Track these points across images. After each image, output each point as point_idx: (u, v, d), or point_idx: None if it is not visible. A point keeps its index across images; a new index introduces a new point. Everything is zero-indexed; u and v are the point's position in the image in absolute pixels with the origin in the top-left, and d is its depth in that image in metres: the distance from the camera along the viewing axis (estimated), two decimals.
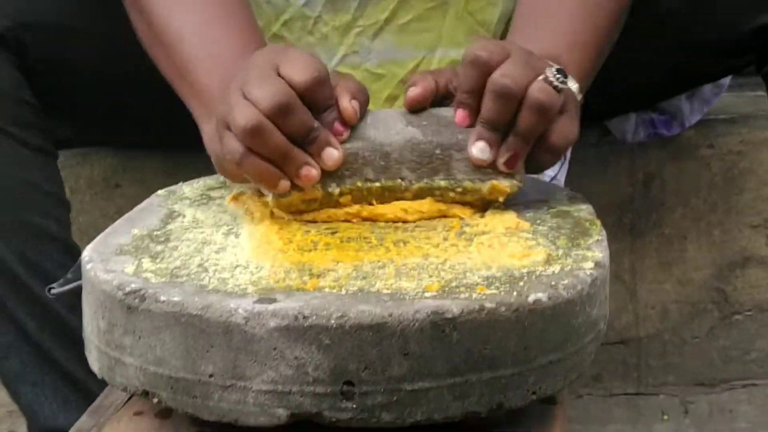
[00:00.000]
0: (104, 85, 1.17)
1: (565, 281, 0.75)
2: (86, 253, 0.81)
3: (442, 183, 0.87)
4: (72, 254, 1.18)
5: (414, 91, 0.89)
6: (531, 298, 0.73)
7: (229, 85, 0.86)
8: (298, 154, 0.84)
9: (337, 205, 0.87)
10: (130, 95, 1.09)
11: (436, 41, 1.16)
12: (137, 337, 0.73)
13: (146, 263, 0.78)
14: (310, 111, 0.84)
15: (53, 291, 0.88)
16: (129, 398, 0.85)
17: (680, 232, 1.49)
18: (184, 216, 0.90)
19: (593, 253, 0.81)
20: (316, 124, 0.84)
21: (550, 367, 0.75)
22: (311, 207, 0.87)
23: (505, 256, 0.80)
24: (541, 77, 0.86)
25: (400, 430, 0.71)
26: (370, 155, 0.86)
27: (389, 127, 0.88)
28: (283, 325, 0.69)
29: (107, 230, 0.87)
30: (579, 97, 0.94)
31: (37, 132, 1.17)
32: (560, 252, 0.81)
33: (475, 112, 0.87)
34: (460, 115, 0.88)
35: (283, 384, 0.70)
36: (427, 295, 0.72)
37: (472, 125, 0.88)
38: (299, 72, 0.83)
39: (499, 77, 0.85)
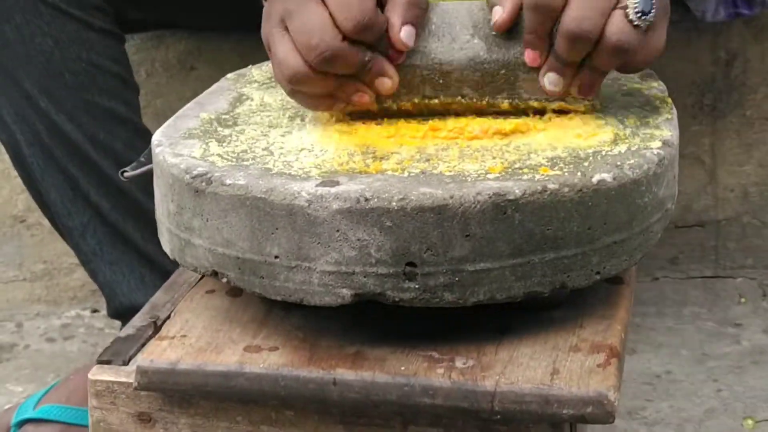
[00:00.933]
0: None
1: (631, 161, 0.75)
2: (156, 137, 0.83)
3: (506, 102, 0.82)
4: (142, 136, 1.20)
5: (502, 18, 0.80)
6: (595, 178, 0.73)
7: None
8: (348, 86, 0.80)
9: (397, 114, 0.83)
10: None
11: None
12: (205, 220, 0.75)
13: (213, 147, 0.79)
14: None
15: (126, 174, 0.89)
16: (202, 277, 0.87)
17: (762, 113, 1.46)
18: (252, 99, 0.91)
19: (662, 132, 0.80)
20: (367, 57, 0.78)
21: (614, 247, 0.74)
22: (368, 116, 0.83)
23: (571, 136, 0.79)
24: (618, 10, 0.77)
25: (461, 309, 0.72)
26: (428, 74, 0.81)
27: (453, 38, 0.81)
28: (345, 208, 0.70)
29: (177, 113, 0.88)
30: None
31: (102, 15, 1.17)
32: (628, 131, 0.80)
33: (545, 51, 0.80)
34: (529, 55, 0.80)
35: (346, 265, 0.71)
36: (489, 176, 0.72)
37: (543, 64, 0.81)
38: (345, 15, 0.76)
39: (570, 22, 0.77)
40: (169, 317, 0.82)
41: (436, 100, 0.82)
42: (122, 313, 1.24)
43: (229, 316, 0.81)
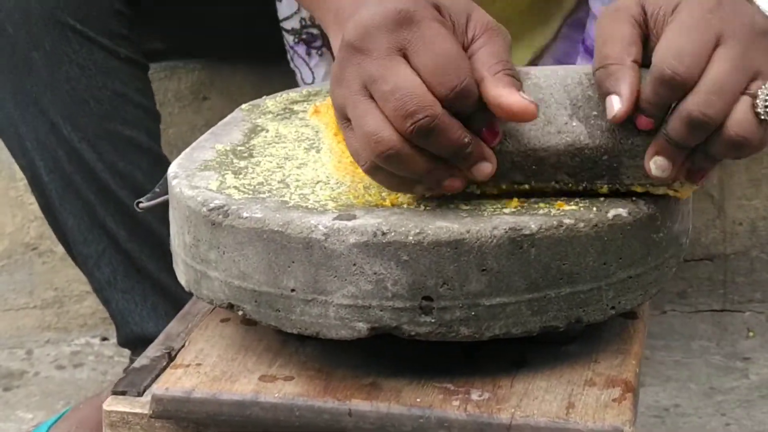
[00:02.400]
0: None
1: (646, 196, 0.75)
2: (172, 169, 0.83)
3: (606, 187, 0.74)
4: (162, 166, 1.20)
5: (621, 111, 0.70)
6: (611, 213, 0.73)
7: (340, 53, 0.72)
8: (443, 170, 0.71)
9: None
10: (218, 7, 1.10)
11: None
12: (221, 252, 0.75)
13: (229, 179, 0.80)
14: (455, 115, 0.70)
15: (141, 205, 0.90)
16: (215, 306, 0.87)
17: None
18: (267, 130, 0.91)
19: None
20: (467, 138, 0.69)
21: (629, 282, 0.75)
22: None
23: None
24: (746, 97, 0.69)
25: (477, 344, 0.73)
26: (520, 160, 0.73)
27: (549, 120, 0.72)
28: (362, 242, 0.70)
29: (192, 145, 0.88)
30: None
31: (128, 43, 1.18)
32: None
33: (660, 120, 0.71)
34: (642, 121, 0.71)
35: (363, 299, 0.71)
36: (505, 211, 0.73)
37: (655, 130, 0.72)
38: (441, 78, 0.68)
39: (692, 107, 0.69)
40: (183, 347, 0.83)
41: (527, 186, 0.74)
42: (133, 341, 1.24)
43: (244, 345, 0.81)
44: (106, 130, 1.18)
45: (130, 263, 1.23)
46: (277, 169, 0.82)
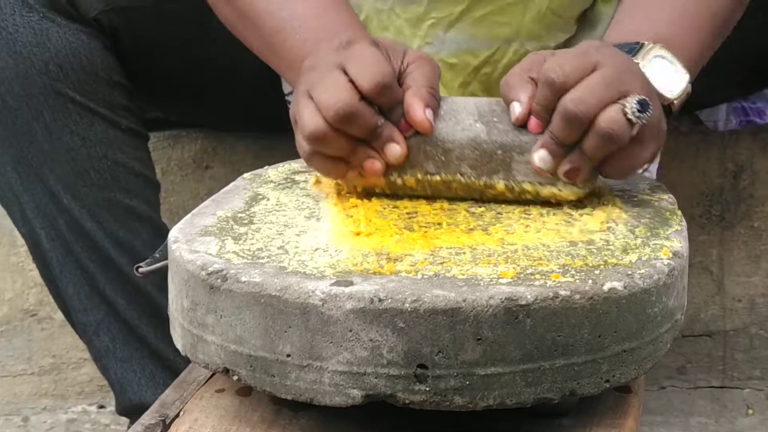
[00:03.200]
0: (195, 68, 1.19)
1: (642, 270, 0.76)
2: (173, 234, 0.84)
3: (501, 183, 0.88)
4: (161, 234, 1.21)
5: (521, 112, 0.87)
6: (606, 286, 0.73)
7: (301, 71, 0.88)
8: (361, 150, 0.86)
9: (402, 191, 0.90)
10: (219, 78, 1.12)
11: (513, 34, 1.12)
12: (219, 316, 0.75)
13: (229, 244, 0.80)
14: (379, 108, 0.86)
15: (141, 270, 0.90)
16: (212, 375, 0.87)
17: None
18: (268, 199, 0.92)
19: (672, 243, 0.81)
20: (380, 121, 0.86)
21: (624, 356, 0.75)
22: (375, 191, 0.90)
23: (582, 245, 0.80)
24: (617, 104, 0.83)
25: (472, 413, 0.73)
26: (431, 150, 0.88)
27: (457, 121, 0.88)
28: (358, 308, 0.71)
29: (194, 211, 0.89)
30: (687, 87, 0.93)
31: (128, 114, 1.19)
32: (639, 241, 0.81)
33: (547, 123, 0.86)
34: (532, 123, 0.86)
35: (358, 365, 0.71)
36: (502, 281, 0.73)
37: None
38: (365, 75, 0.84)
39: (570, 102, 0.83)
40: (178, 415, 0.83)
41: (438, 177, 0.88)
42: (131, 410, 1.24)
43: (238, 416, 0.81)
44: (106, 199, 1.19)
45: (129, 332, 1.23)
46: (277, 235, 0.83)
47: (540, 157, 0.86)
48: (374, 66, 0.85)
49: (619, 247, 0.80)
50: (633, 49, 0.93)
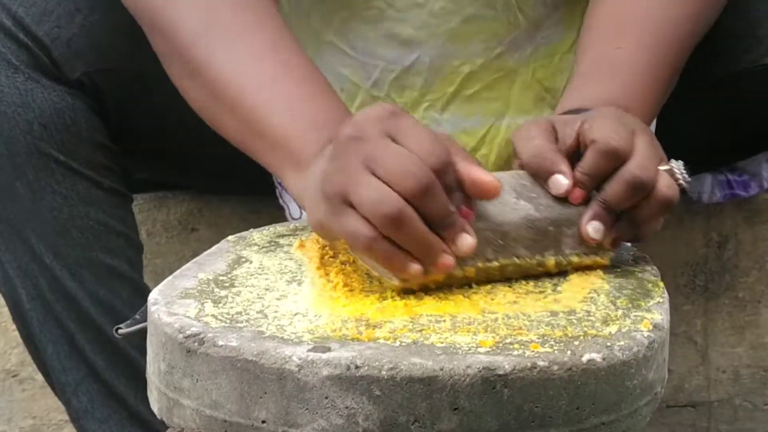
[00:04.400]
0: (179, 130, 1.20)
1: (621, 342, 0.76)
2: (153, 295, 0.83)
3: (552, 259, 0.87)
4: (142, 294, 1.20)
5: (569, 185, 0.86)
6: (585, 357, 0.73)
7: (336, 148, 0.82)
8: (437, 242, 0.78)
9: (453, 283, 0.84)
10: (205, 141, 1.12)
11: (503, 109, 1.16)
12: (195, 380, 0.75)
13: (208, 307, 0.80)
14: None
15: (120, 331, 0.90)
16: None
17: (754, 296, 1.47)
18: (251, 262, 0.92)
19: (653, 315, 0.81)
20: (452, 207, 0.79)
21: (602, 428, 0.74)
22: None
23: (562, 315, 0.80)
24: (666, 168, 0.86)
25: None
26: (490, 235, 0.83)
27: (503, 202, 0.84)
28: (335, 374, 0.70)
29: (175, 273, 0.89)
30: None
31: (111, 174, 1.20)
32: (620, 312, 0.81)
33: (590, 192, 0.87)
34: (577, 194, 0.86)
35: None
36: (480, 350, 0.73)
37: (584, 203, 0.87)
38: (428, 152, 0.78)
39: (636, 169, 0.84)
40: None
41: (496, 263, 0.84)
42: None
43: None
44: (88, 259, 1.18)
45: (108, 393, 1.22)
46: (257, 299, 0.82)
47: (594, 228, 0.86)
48: (432, 143, 0.78)
49: (599, 318, 0.80)
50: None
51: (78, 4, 1.15)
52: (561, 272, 0.88)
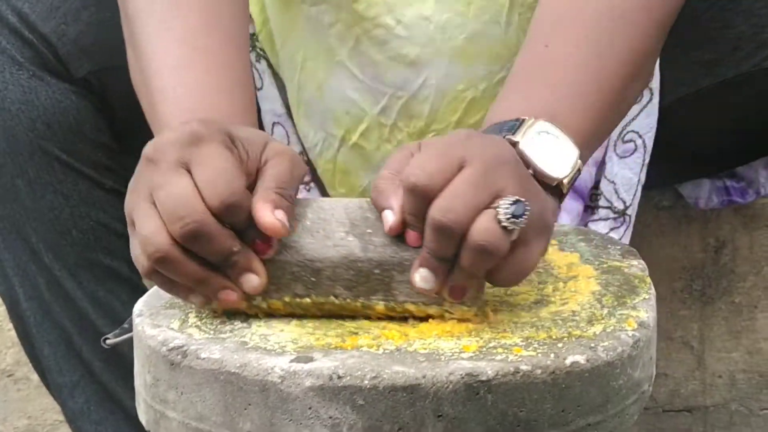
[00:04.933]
0: None
1: (606, 343, 0.75)
2: (138, 306, 0.83)
3: (381, 304, 0.78)
4: (141, 296, 1.20)
5: (395, 221, 0.77)
6: (568, 360, 0.73)
7: (138, 165, 0.80)
8: (214, 280, 0.77)
9: (270, 312, 0.80)
10: None
11: None
12: (180, 393, 0.75)
13: (192, 319, 0.80)
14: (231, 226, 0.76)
15: (108, 342, 0.90)
16: None
17: (751, 301, 1.47)
18: None
19: (638, 313, 0.81)
20: (235, 247, 0.76)
21: (589, 429, 0.74)
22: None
23: (547, 316, 0.80)
24: (492, 208, 0.74)
25: None
26: (298, 270, 0.78)
27: (327, 235, 0.78)
28: (317, 385, 0.70)
29: None
30: (578, 163, 0.85)
31: (113, 175, 1.19)
32: (605, 311, 0.81)
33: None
34: (411, 237, 0.77)
35: None
36: (463, 355, 0.73)
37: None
38: (212, 191, 0.75)
39: (437, 212, 0.74)
40: None
41: (308, 299, 0.79)
42: None
43: None
44: (87, 259, 1.18)
45: (104, 394, 1.22)
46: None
47: (421, 276, 0.76)
48: (223, 180, 0.75)
49: (584, 317, 0.79)
50: (513, 126, 0.84)
51: (84, 1, 1.14)
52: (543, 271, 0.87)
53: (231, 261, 0.76)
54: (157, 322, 0.79)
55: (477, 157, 0.76)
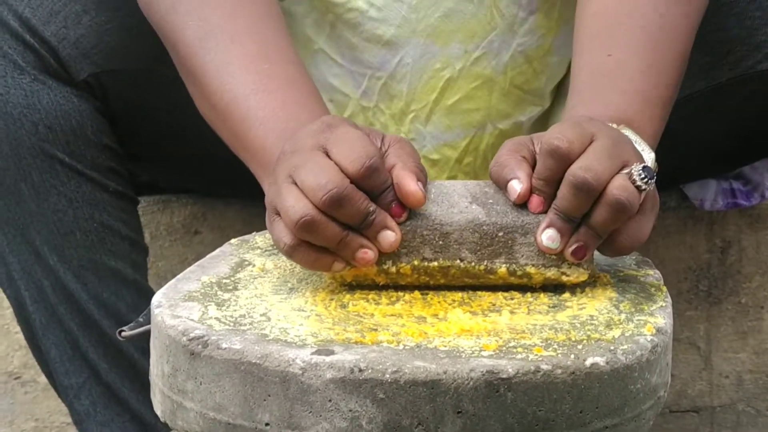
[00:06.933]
0: (184, 133, 1.20)
1: (625, 346, 0.75)
2: (156, 298, 0.83)
3: (503, 267, 0.84)
4: (146, 297, 1.20)
5: (523, 189, 0.83)
6: (588, 361, 0.73)
7: (276, 161, 0.86)
8: (353, 239, 0.81)
9: (395, 280, 0.85)
10: (209, 144, 1.12)
11: (484, 118, 1.18)
12: (198, 383, 0.75)
13: (212, 310, 0.80)
14: (366, 193, 0.81)
15: (123, 334, 0.90)
16: None
17: (757, 301, 1.47)
18: (253, 265, 0.92)
19: (656, 319, 0.81)
20: (372, 207, 0.81)
21: None
22: (366, 281, 0.85)
23: (565, 319, 0.80)
24: (625, 171, 0.82)
25: None
26: (428, 234, 0.83)
27: (452, 204, 0.84)
28: (338, 378, 0.70)
29: (179, 276, 0.89)
30: (656, 166, 0.91)
31: (116, 177, 1.20)
32: (623, 316, 0.81)
33: (550, 199, 0.83)
34: (534, 201, 0.83)
35: None
36: (483, 354, 0.73)
37: (545, 212, 0.83)
38: (352, 159, 0.80)
39: (579, 170, 0.81)
40: None
41: (435, 263, 0.83)
42: None
43: None
44: (92, 261, 1.18)
45: (110, 395, 1.22)
46: (260, 302, 0.82)
47: (548, 236, 0.82)
48: (360, 148, 0.81)
49: (603, 322, 0.80)
50: None
51: (85, 4, 1.14)
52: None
53: (368, 221, 0.81)
54: (177, 313, 0.79)
55: (604, 133, 0.84)
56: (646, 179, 0.82)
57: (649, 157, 0.89)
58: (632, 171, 0.82)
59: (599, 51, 0.99)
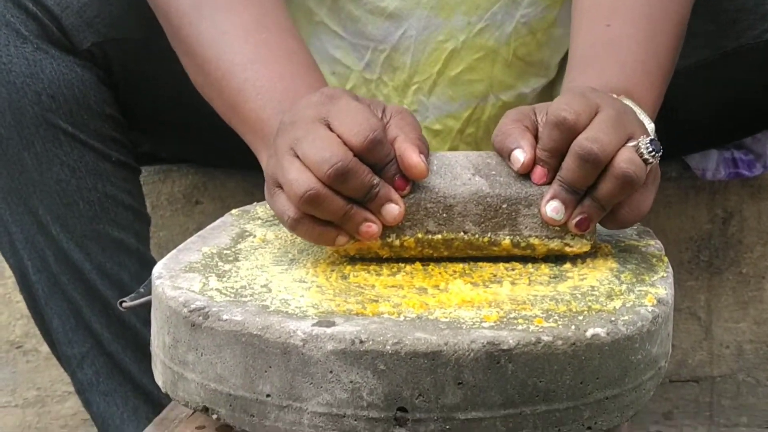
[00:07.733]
0: (186, 103, 1.19)
1: (626, 317, 0.75)
2: (157, 269, 0.83)
3: (507, 238, 0.84)
4: (148, 267, 1.20)
5: (527, 158, 0.83)
6: (589, 332, 0.73)
7: (276, 133, 0.85)
8: (357, 212, 0.81)
9: (399, 253, 0.85)
10: (210, 115, 1.12)
11: (487, 89, 1.17)
12: (199, 354, 0.75)
13: (213, 281, 0.80)
14: (369, 166, 0.81)
15: (124, 305, 0.90)
16: (193, 412, 0.86)
17: (758, 271, 1.47)
18: (254, 236, 0.92)
19: (657, 290, 0.81)
20: (375, 180, 0.81)
21: (606, 403, 0.74)
22: (369, 255, 0.85)
23: (566, 290, 0.80)
24: (631, 144, 0.82)
25: None
26: (432, 207, 0.83)
27: (455, 176, 0.84)
28: (339, 349, 0.70)
29: (179, 247, 0.89)
30: (655, 136, 0.89)
31: (119, 146, 1.19)
32: (624, 287, 0.81)
33: (554, 170, 0.83)
34: (538, 172, 0.83)
35: (337, 407, 0.71)
36: (484, 325, 0.73)
37: (549, 183, 0.83)
38: (355, 132, 0.80)
39: (585, 141, 0.80)
40: None
41: (439, 236, 0.83)
42: None
43: None
44: (95, 231, 1.18)
45: (113, 365, 1.22)
46: (261, 273, 0.82)
47: (553, 207, 0.82)
48: (363, 120, 0.80)
49: (603, 292, 0.80)
50: None
51: None
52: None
53: (372, 193, 0.81)
54: (178, 284, 0.79)
55: (609, 104, 0.84)
56: (653, 152, 0.82)
57: (650, 127, 0.88)
58: (639, 144, 0.82)
59: (598, 22, 0.99)
